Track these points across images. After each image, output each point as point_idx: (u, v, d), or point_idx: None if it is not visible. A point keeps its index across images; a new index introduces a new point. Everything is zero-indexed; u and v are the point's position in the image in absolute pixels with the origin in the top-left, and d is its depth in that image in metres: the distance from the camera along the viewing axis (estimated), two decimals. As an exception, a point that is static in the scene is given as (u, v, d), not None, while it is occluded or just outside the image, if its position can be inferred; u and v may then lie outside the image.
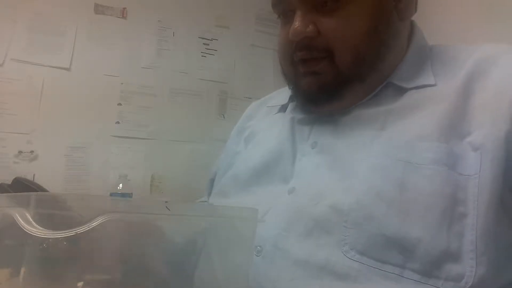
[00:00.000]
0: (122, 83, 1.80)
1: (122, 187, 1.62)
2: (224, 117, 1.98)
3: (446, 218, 0.43)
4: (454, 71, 0.52)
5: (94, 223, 0.33)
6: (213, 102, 1.97)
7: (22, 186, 0.50)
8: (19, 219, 0.32)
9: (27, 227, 0.31)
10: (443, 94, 0.50)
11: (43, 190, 0.49)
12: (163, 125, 1.86)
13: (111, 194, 1.60)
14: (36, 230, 0.31)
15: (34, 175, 1.61)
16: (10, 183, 0.51)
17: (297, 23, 0.53)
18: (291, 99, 0.66)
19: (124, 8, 1.83)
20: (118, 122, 1.79)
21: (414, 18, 0.59)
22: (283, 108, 0.68)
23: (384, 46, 0.54)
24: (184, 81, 1.92)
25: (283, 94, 0.70)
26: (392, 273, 0.43)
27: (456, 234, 0.42)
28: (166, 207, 0.39)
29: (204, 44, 1.98)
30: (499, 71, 0.49)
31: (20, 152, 1.61)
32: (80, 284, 0.37)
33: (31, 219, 0.32)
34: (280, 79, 0.64)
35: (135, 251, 0.43)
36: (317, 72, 0.55)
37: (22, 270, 0.34)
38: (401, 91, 0.54)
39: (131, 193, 1.63)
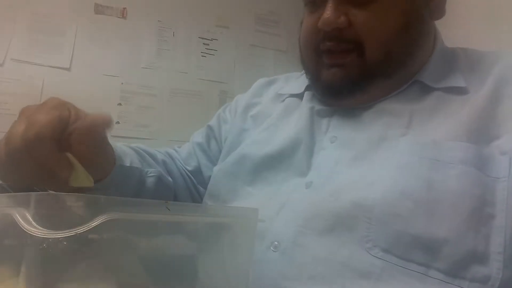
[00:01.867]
0: (122, 83, 1.80)
1: (122, 187, 1.62)
2: (224, 117, 1.98)
3: (474, 219, 0.42)
4: (482, 75, 0.52)
5: (94, 223, 0.33)
6: (213, 102, 1.97)
7: (22, 186, 0.49)
8: (19, 219, 0.32)
9: (27, 227, 0.31)
10: (471, 98, 0.50)
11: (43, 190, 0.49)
12: (163, 125, 1.86)
13: (111, 194, 1.59)
14: (36, 230, 0.31)
15: (34, 175, 1.61)
16: (10, 183, 0.51)
17: (328, 12, 0.51)
18: (307, 88, 0.64)
19: (124, 8, 1.83)
20: (118, 122, 1.79)
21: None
22: (296, 96, 0.66)
23: (415, 44, 0.53)
24: (184, 81, 1.92)
25: (296, 82, 0.68)
26: (416, 272, 0.42)
27: (483, 236, 0.42)
28: (166, 207, 0.39)
29: (204, 44, 1.98)
30: None
31: (20, 152, 1.61)
32: (80, 283, 0.37)
33: (31, 219, 0.32)
34: (303, 61, 0.62)
35: (134, 251, 0.43)
36: (343, 64, 0.53)
37: (22, 270, 0.34)
38: (428, 90, 0.53)
39: (131, 193, 1.63)
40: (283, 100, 0.67)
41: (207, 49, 1.98)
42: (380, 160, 0.49)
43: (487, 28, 1.19)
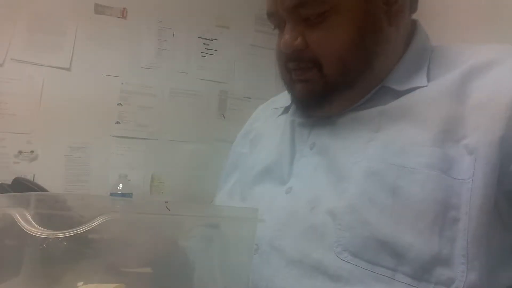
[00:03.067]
0: (122, 83, 1.80)
1: (122, 187, 1.62)
2: (224, 117, 1.98)
3: (438, 223, 0.43)
4: (449, 72, 0.51)
5: (94, 223, 0.33)
6: (213, 102, 1.97)
7: (22, 186, 0.50)
8: (19, 219, 0.32)
9: (27, 227, 0.31)
10: (436, 96, 0.50)
11: (43, 190, 0.49)
12: (163, 125, 1.86)
13: (111, 194, 1.60)
14: (36, 230, 0.31)
15: (34, 175, 1.61)
16: (10, 183, 0.51)
17: (286, 36, 0.54)
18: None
19: (124, 8, 1.82)
20: (118, 122, 1.79)
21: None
22: (286, 110, 0.69)
23: (372, 54, 0.54)
24: (184, 81, 1.91)
25: (287, 96, 0.70)
26: (383, 275, 0.43)
27: (447, 239, 0.42)
28: (166, 207, 0.39)
29: (204, 44, 1.97)
30: (498, 72, 0.48)
31: (20, 152, 1.61)
32: (80, 284, 0.37)
33: (31, 219, 0.32)
34: (280, 79, 0.64)
35: (134, 251, 0.43)
36: (306, 80, 0.56)
37: (22, 270, 0.34)
38: (396, 94, 0.53)
39: (131, 193, 1.63)
40: (277, 117, 0.70)
41: (207, 49, 1.98)
42: (351, 167, 0.50)
43: (483, 24, 1.19)
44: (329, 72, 0.54)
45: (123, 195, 1.60)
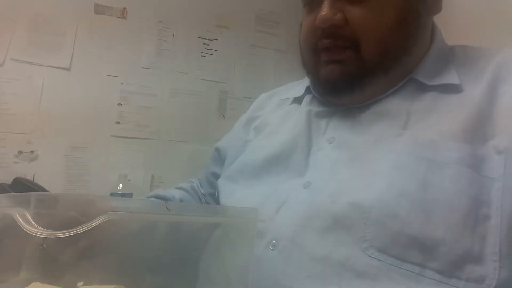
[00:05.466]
0: (122, 83, 1.80)
1: (122, 187, 1.62)
2: (224, 117, 1.98)
3: (470, 219, 0.42)
4: (478, 73, 0.52)
5: (94, 223, 0.33)
6: (213, 102, 1.97)
7: (22, 186, 0.50)
8: (19, 219, 0.32)
9: (27, 227, 0.31)
10: (467, 96, 0.50)
11: (43, 190, 0.49)
12: (163, 125, 1.86)
13: (111, 194, 1.59)
14: (36, 230, 0.31)
15: (34, 175, 1.61)
16: (10, 183, 0.51)
17: (325, 10, 0.52)
18: (307, 91, 0.65)
19: (124, 8, 1.83)
20: (118, 122, 1.79)
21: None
22: (297, 100, 0.67)
23: (411, 39, 0.53)
24: (184, 81, 1.92)
25: (297, 87, 0.69)
26: (412, 272, 0.42)
27: (479, 236, 0.42)
28: (166, 207, 0.39)
29: (204, 44, 1.97)
30: None
31: (20, 152, 1.61)
32: (80, 284, 0.37)
33: (31, 219, 0.32)
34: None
35: (134, 251, 0.43)
36: (340, 61, 0.54)
37: (22, 270, 0.34)
38: (423, 88, 0.53)
39: (131, 193, 1.63)
40: (285, 106, 0.68)
41: (207, 49, 1.98)
42: (377, 161, 0.49)
43: (488, 27, 1.19)
44: (367, 52, 0.52)
45: (123, 195, 1.59)
